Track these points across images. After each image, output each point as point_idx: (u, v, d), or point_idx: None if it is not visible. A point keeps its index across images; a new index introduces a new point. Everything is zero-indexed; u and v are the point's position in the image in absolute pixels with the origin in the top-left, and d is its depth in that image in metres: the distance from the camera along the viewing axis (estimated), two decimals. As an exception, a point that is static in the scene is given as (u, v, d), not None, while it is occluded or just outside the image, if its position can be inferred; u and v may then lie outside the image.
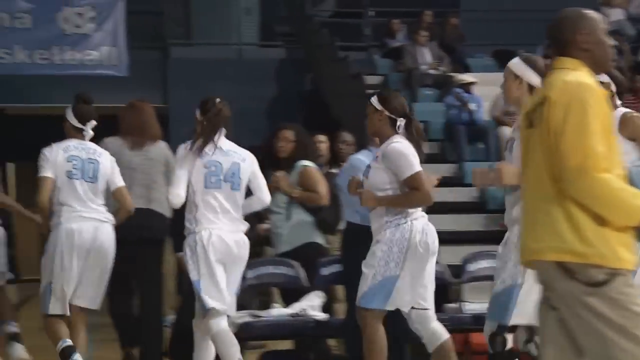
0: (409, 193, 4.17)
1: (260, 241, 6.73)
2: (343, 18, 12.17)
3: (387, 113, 4.25)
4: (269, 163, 5.47)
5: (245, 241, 4.53)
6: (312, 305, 4.90)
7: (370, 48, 11.35)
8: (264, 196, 4.61)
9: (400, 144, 4.21)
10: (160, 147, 5.42)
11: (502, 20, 11.51)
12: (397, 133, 4.24)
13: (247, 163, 4.56)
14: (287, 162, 5.40)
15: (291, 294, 5.19)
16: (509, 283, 3.63)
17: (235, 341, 4.41)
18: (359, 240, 4.51)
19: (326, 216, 5.37)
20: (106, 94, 10.73)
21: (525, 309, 3.53)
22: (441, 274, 5.38)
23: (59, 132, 5.30)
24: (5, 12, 9.35)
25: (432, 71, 10.07)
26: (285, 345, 5.42)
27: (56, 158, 4.87)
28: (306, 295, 5.05)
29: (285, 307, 5.15)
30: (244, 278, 5.20)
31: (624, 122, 3.95)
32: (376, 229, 4.24)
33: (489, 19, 11.55)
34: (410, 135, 4.24)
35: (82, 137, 4.99)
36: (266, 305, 5.38)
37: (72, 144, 4.96)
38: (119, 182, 4.95)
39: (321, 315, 4.94)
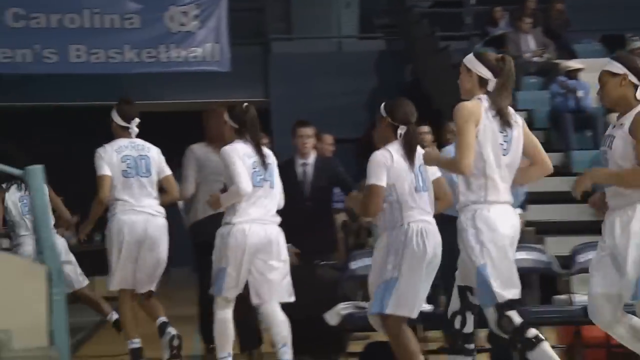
0: (360, 200, 4.44)
1: (362, 232, 6.75)
2: (443, 8, 12.01)
3: (389, 120, 4.35)
4: (369, 155, 5.47)
5: (277, 233, 4.81)
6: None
7: (471, 37, 11.16)
8: (280, 201, 4.89)
9: (380, 152, 4.36)
10: None
11: (609, 4, 11.11)
12: (397, 140, 4.36)
13: (275, 164, 4.88)
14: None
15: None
16: (474, 266, 3.83)
17: (231, 333, 4.73)
18: (453, 232, 4.45)
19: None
20: (209, 90, 10.99)
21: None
22: (549, 264, 5.26)
23: (165, 128, 5.48)
24: (116, 14, 9.68)
25: (536, 59, 9.83)
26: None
27: (111, 158, 5.28)
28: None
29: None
30: (347, 269, 5.23)
31: None
32: (379, 234, 4.41)
33: (595, 3, 11.17)
34: (405, 143, 4.32)
35: (129, 135, 5.38)
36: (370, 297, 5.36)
37: (122, 143, 5.36)
38: (167, 171, 5.39)
39: (426, 307, 4.90)
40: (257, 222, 4.69)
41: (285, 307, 5.74)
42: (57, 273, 5.58)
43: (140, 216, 5.25)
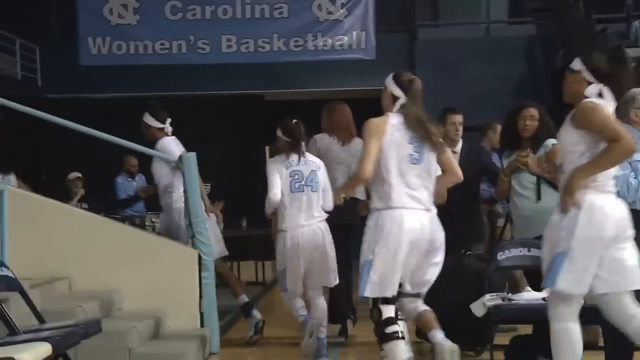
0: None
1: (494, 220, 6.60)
2: (600, -12, 11.50)
3: None
4: (511, 142, 5.31)
5: (323, 229, 5.50)
6: (566, 289, 4.69)
7: (631, 18, 10.63)
8: (327, 205, 5.52)
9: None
10: (359, 143, 5.91)
11: None
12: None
13: (321, 171, 5.57)
14: (529, 141, 5.21)
15: (539, 278, 5.00)
16: (363, 260, 4.23)
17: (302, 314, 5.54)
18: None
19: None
20: (355, 78, 11.03)
21: (376, 283, 4.19)
22: None
23: (310, 115, 5.58)
24: (266, 4, 9.91)
25: (703, 40, 9.24)
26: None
27: (175, 151, 6.02)
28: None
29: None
30: (494, 260, 5.13)
31: None
32: None
33: None
34: None
35: (166, 134, 6.14)
36: (516, 288, 5.24)
37: (174, 140, 6.14)
38: None
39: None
40: (305, 226, 5.45)
41: (431, 296, 5.71)
42: (207, 258, 5.80)
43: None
